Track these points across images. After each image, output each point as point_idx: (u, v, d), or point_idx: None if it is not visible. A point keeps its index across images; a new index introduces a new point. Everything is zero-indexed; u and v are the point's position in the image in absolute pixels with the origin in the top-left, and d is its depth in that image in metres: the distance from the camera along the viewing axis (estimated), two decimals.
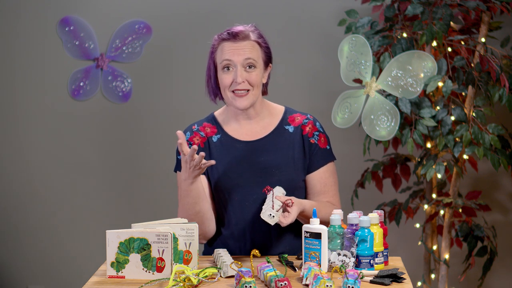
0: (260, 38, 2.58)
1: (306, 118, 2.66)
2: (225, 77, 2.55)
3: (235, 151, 2.60)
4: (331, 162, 2.66)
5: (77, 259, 4.26)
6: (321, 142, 2.64)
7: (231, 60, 2.54)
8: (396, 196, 3.97)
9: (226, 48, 2.55)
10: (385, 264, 2.42)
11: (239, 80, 2.52)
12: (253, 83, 2.55)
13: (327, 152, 2.65)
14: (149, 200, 4.22)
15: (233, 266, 2.26)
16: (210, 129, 2.65)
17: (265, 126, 2.64)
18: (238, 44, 2.55)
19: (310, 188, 2.64)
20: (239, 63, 2.53)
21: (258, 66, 2.56)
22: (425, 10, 3.43)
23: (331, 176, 2.66)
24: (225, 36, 2.57)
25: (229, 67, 2.55)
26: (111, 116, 4.22)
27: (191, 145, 2.58)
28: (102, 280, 2.29)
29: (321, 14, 4.10)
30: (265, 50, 2.59)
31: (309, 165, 2.63)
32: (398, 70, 3.25)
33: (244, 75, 2.54)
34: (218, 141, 2.63)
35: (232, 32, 2.56)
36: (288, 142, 2.62)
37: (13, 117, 4.24)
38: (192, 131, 2.65)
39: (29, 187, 4.26)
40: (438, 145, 3.44)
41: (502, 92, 3.38)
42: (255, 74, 2.55)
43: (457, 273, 3.98)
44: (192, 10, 4.16)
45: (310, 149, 2.63)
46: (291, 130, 2.64)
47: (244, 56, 2.53)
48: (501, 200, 4.08)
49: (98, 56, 4.20)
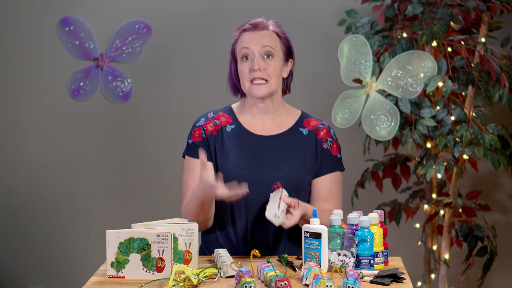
0: (279, 29, 2.61)
1: (322, 124, 2.68)
2: (244, 66, 2.57)
3: (248, 143, 2.61)
4: (339, 171, 2.67)
5: (77, 259, 4.26)
6: (333, 149, 2.65)
7: (249, 48, 2.56)
8: (396, 196, 3.97)
9: (245, 38, 2.58)
10: (385, 264, 2.42)
11: (256, 67, 2.54)
12: (271, 73, 2.56)
13: (338, 160, 2.66)
14: (149, 200, 4.22)
15: (233, 266, 2.26)
16: (225, 118, 2.66)
17: (280, 125, 2.65)
18: (257, 33, 2.58)
19: (315, 192, 2.65)
20: (257, 51, 2.55)
21: (276, 56, 2.57)
22: (425, 10, 3.43)
23: (337, 184, 2.66)
24: (245, 27, 2.60)
25: (248, 56, 2.57)
26: (111, 116, 4.22)
27: (204, 131, 2.61)
28: (102, 280, 2.29)
29: (321, 14, 4.10)
30: (285, 42, 2.61)
31: (318, 170, 2.63)
32: (398, 70, 3.25)
33: (262, 64, 2.55)
34: (232, 131, 2.64)
35: (253, 23, 2.59)
36: (301, 143, 2.63)
37: (13, 117, 4.24)
38: (207, 118, 2.66)
39: (29, 187, 4.26)
40: (438, 145, 3.44)
41: (502, 92, 3.38)
42: (273, 64, 2.56)
43: (457, 273, 3.98)
44: (192, 10, 4.16)
45: (322, 153, 2.63)
46: (305, 132, 2.65)
47: (262, 43, 2.55)
48: (501, 200, 4.09)
49: (98, 56, 4.20)
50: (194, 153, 2.62)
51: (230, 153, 2.61)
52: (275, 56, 2.57)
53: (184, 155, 2.68)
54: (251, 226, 2.60)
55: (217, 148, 2.61)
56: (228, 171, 2.59)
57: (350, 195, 3.89)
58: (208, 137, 2.63)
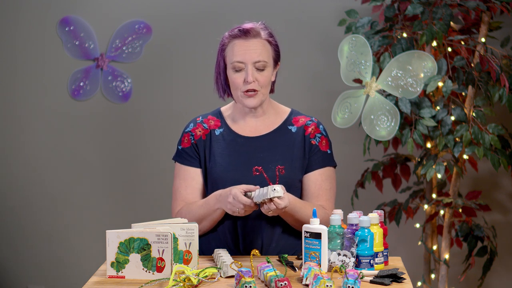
0: (271, 36, 2.60)
1: (310, 120, 2.67)
2: (236, 77, 2.57)
3: (236, 145, 2.62)
4: (329, 166, 2.66)
5: (77, 259, 4.26)
6: (322, 144, 2.64)
7: (243, 62, 2.55)
8: (396, 196, 3.97)
9: (237, 48, 2.56)
10: (385, 264, 2.42)
11: (250, 79, 2.54)
12: (263, 83, 2.57)
13: (327, 156, 2.65)
14: (149, 200, 4.22)
15: (233, 266, 2.26)
16: (214, 122, 2.67)
17: (269, 125, 2.65)
18: (249, 42, 2.55)
19: (304, 189, 2.64)
20: (250, 64, 2.55)
21: (268, 66, 2.58)
22: (425, 10, 3.43)
23: (327, 180, 2.64)
24: (236, 33, 2.57)
25: (241, 69, 2.56)
26: (111, 116, 4.22)
27: (193, 136, 2.63)
28: (102, 280, 2.30)
29: (321, 14, 4.10)
30: (275, 48, 2.61)
31: (307, 166, 2.63)
32: (398, 70, 3.25)
33: (255, 75, 2.55)
34: (220, 135, 2.65)
35: (243, 29, 2.56)
36: (289, 142, 2.63)
37: (13, 117, 4.24)
38: (196, 123, 2.68)
39: (29, 187, 4.26)
40: (438, 145, 3.44)
41: (502, 92, 3.38)
42: (265, 75, 2.57)
43: (457, 273, 3.98)
44: (192, 10, 4.16)
45: (310, 150, 2.63)
46: (294, 130, 2.65)
47: (255, 57, 2.54)
48: (501, 200, 4.09)
49: (98, 56, 4.20)
50: (184, 160, 2.65)
51: (218, 156, 2.62)
52: (267, 67, 2.57)
53: (175, 159, 2.69)
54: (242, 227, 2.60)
55: (206, 152, 2.63)
56: (216, 174, 2.60)
57: (350, 195, 3.89)
58: (197, 142, 2.64)
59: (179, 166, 2.65)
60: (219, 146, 2.63)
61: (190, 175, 2.63)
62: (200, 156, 2.64)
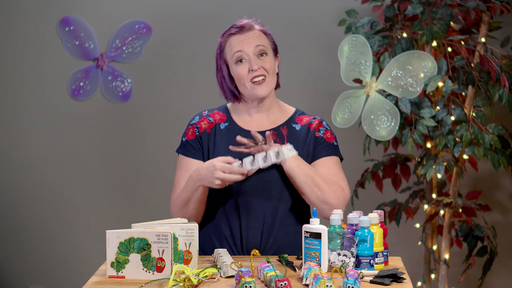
0: (264, 28, 2.65)
1: (314, 118, 2.70)
2: (240, 68, 2.59)
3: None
4: (336, 156, 2.66)
5: (77, 259, 4.26)
6: (327, 136, 2.66)
7: (242, 50, 2.58)
8: (396, 196, 3.97)
9: (235, 42, 2.60)
10: (385, 264, 2.42)
11: (255, 67, 2.57)
12: (268, 69, 2.59)
13: (333, 146, 2.66)
14: (149, 200, 4.22)
15: (233, 266, 2.26)
16: (220, 116, 2.69)
17: (273, 121, 2.67)
18: (245, 34, 2.60)
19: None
20: (251, 52, 2.58)
21: (269, 53, 2.61)
22: (425, 10, 3.43)
23: (336, 165, 2.64)
24: (231, 31, 2.61)
25: (242, 59, 2.58)
26: (111, 116, 4.22)
27: (198, 129, 2.64)
28: (102, 280, 2.29)
29: (321, 14, 4.10)
30: (271, 39, 2.65)
31: (312, 155, 2.64)
32: (398, 70, 3.25)
33: (259, 62, 2.58)
34: (225, 129, 2.66)
35: (237, 26, 2.61)
36: (293, 138, 2.64)
37: (13, 117, 4.24)
38: (202, 116, 2.70)
39: (29, 187, 4.26)
40: (438, 145, 3.44)
41: (502, 92, 3.38)
42: (268, 60, 2.60)
43: (457, 273, 3.98)
44: (192, 10, 4.16)
45: (315, 141, 2.64)
46: (297, 128, 2.66)
47: (254, 44, 2.58)
48: (501, 200, 4.09)
49: (98, 56, 4.20)
50: (187, 152, 2.66)
51: (222, 150, 2.62)
52: (268, 54, 2.61)
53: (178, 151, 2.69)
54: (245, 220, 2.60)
55: (209, 145, 2.64)
56: None
57: (350, 195, 3.89)
58: (202, 134, 2.65)
59: (182, 157, 2.66)
60: (223, 140, 2.64)
61: (192, 167, 2.62)
62: (204, 149, 2.65)
